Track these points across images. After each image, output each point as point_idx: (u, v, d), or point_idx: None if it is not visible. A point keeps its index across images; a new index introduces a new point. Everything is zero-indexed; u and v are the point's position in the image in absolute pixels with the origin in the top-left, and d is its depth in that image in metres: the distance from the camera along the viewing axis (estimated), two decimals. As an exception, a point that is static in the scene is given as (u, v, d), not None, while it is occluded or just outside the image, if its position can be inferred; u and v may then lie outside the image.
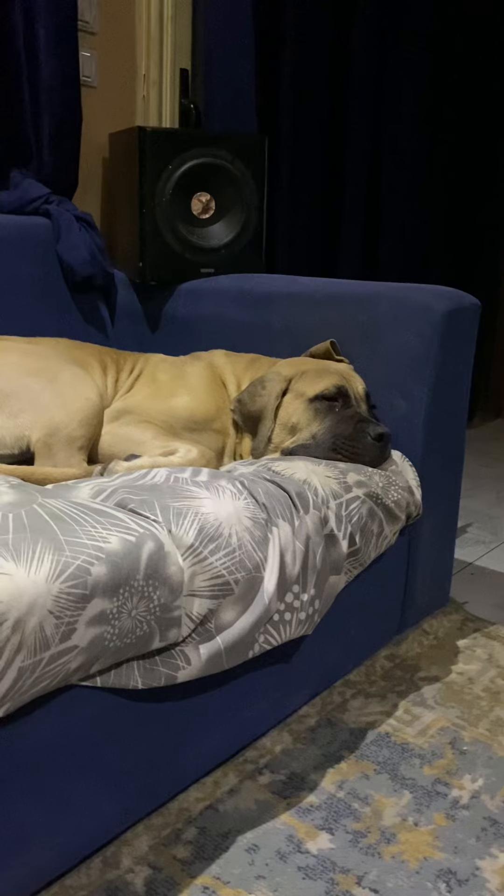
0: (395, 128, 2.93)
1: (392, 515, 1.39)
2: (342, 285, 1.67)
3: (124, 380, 1.58)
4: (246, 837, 1.10)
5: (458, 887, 1.04)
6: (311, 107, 2.59)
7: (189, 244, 1.85)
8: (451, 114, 3.19)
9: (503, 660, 1.61)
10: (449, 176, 3.28)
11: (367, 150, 2.83)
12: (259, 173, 1.88)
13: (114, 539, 0.92)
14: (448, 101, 3.16)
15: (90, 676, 0.92)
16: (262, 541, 1.11)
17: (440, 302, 1.47)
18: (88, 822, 1.00)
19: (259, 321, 1.75)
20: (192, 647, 1.02)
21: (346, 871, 1.05)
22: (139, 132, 1.77)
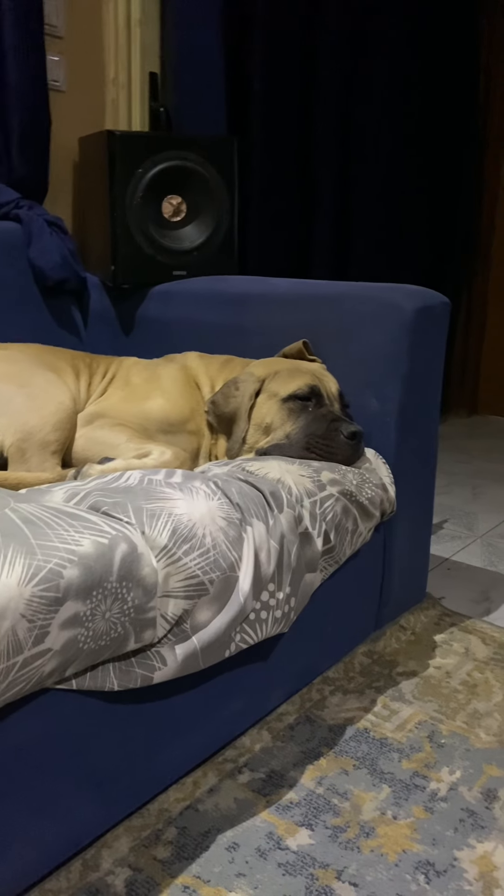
0: (366, 128, 2.95)
1: (366, 512, 1.40)
2: (314, 286, 1.68)
3: (97, 383, 1.58)
4: (226, 836, 1.11)
5: (436, 878, 1.05)
6: (282, 108, 2.60)
7: (161, 247, 1.86)
8: (421, 113, 3.22)
9: (480, 653, 1.63)
10: (420, 175, 3.30)
11: (337, 151, 2.85)
12: (229, 175, 1.89)
13: (86, 542, 0.92)
14: (419, 100, 3.19)
15: (66, 679, 0.92)
16: (237, 540, 1.12)
17: (410, 301, 1.49)
18: (68, 824, 1.00)
19: (232, 322, 1.76)
20: (168, 647, 1.03)
21: (326, 865, 1.06)
22: (108, 136, 1.78)
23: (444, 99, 3.34)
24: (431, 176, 3.39)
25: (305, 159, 2.74)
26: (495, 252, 3.87)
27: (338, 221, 2.91)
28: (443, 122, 3.36)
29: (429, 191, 3.40)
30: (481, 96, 3.58)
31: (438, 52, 3.23)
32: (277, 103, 2.57)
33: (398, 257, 3.24)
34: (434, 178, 3.41)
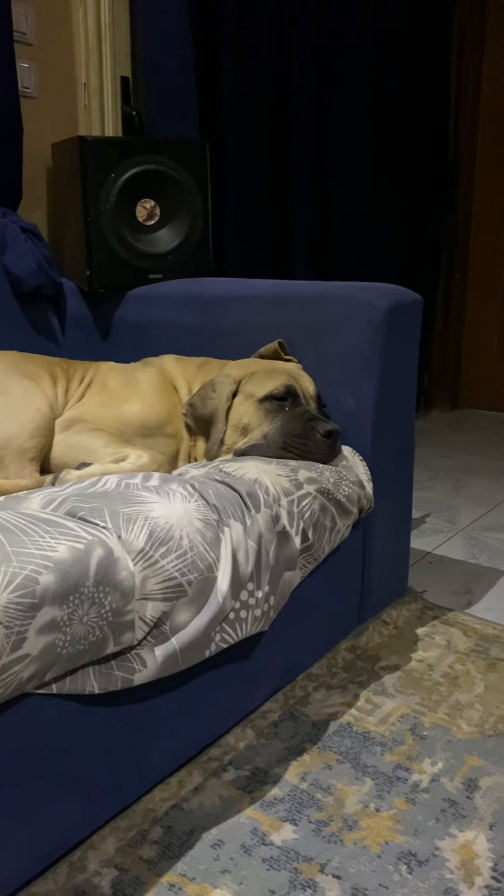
0: (340, 126, 2.97)
1: (344, 510, 1.42)
2: (288, 286, 1.70)
3: (75, 389, 1.58)
4: (211, 834, 1.12)
5: (418, 868, 1.07)
6: (253, 109, 2.62)
7: (136, 251, 1.86)
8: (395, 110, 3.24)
9: (461, 645, 1.65)
10: (396, 172, 3.33)
11: (311, 150, 2.87)
12: (202, 177, 1.90)
13: (62, 547, 0.93)
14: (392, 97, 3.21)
15: (45, 684, 0.93)
16: (214, 541, 1.13)
17: (382, 299, 1.50)
18: (53, 828, 1.01)
19: (209, 324, 1.77)
20: (148, 649, 1.04)
21: (310, 859, 1.08)
22: (80, 141, 1.78)
23: (418, 97, 3.36)
24: (407, 173, 3.41)
25: (280, 159, 2.75)
26: (473, 248, 3.90)
27: (314, 221, 2.93)
28: (417, 121, 3.38)
29: (405, 188, 3.42)
30: (453, 95, 3.61)
31: (411, 51, 3.26)
32: (249, 104, 2.59)
33: (376, 256, 3.26)
34: (410, 175, 3.44)
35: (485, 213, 3.84)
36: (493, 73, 3.66)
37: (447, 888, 1.03)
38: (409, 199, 3.46)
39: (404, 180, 3.40)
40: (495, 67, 3.65)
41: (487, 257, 3.88)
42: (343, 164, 3.01)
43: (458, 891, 1.03)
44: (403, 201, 3.41)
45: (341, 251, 3.03)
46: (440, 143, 3.55)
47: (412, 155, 3.41)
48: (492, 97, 3.69)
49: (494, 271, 3.87)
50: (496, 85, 3.66)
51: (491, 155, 3.76)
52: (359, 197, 3.11)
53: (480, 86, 3.70)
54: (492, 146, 3.74)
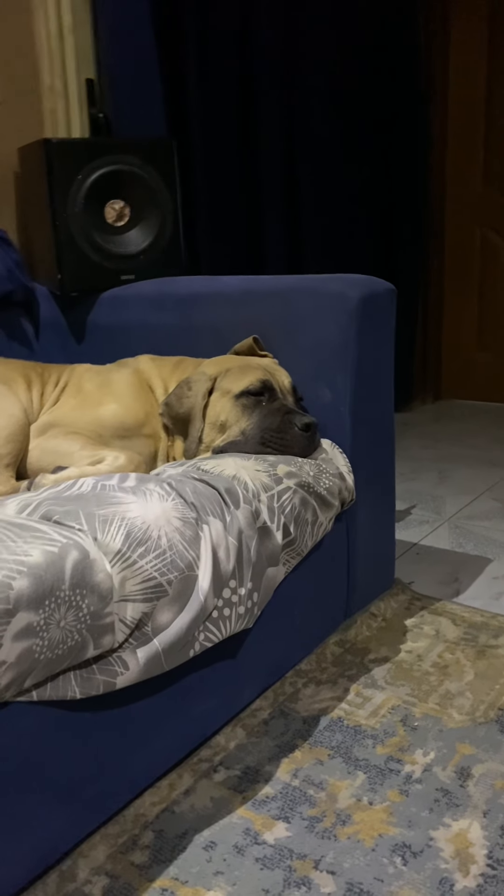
0: (309, 118, 2.96)
1: (325, 503, 1.41)
2: (260, 281, 1.69)
3: (50, 393, 1.57)
4: (203, 835, 1.11)
5: (413, 859, 1.06)
6: (222, 105, 2.60)
7: (106, 252, 1.85)
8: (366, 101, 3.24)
9: (450, 634, 1.64)
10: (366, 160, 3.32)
11: (282, 144, 2.86)
12: (170, 176, 1.89)
13: (36, 552, 0.92)
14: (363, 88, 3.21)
15: (25, 691, 0.92)
16: (194, 539, 1.12)
17: (354, 289, 1.49)
18: (41, 837, 0.99)
19: (183, 323, 1.75)
20: (130, 651, 1.03)
21: (304, 856, 1.06)
22: (45, 144, 1.77)
23: (390, 86, 3.36)
24: (380, 164, 3.41)
25: (249, 155, 2.74)
26: (448, 237, 3.91)
27: (288, 216, 2.92)
28: (388, 111, 3.39)
29: (378, 180, 3.42)
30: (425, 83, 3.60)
31: (379, 38, 3.26)
32: (216, 101, 2.58)
33: (352, 248, 3.26)
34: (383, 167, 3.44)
35: (458, 202, 3.84)
36: (461, 64, 3.67)
37: (442, 878, 1.02)
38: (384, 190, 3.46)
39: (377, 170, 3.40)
40: (462, 57, 3.66)
41: (463, 247, 3.89)
42: (314, 157, 3.00)
43: (453, 880, 1.02)
44: (377, 192, 3.41)
45: (316, 244, 3.02)
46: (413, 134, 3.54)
47: (384, 146, 3.41)
48: (460, 90, 3.70)
49: (470, 261, 3.88)
50: (465, 76, 3.67)
51: (462, 146, 3.76)
52: (331, 190, 3.11)
53: (449, 75, 3.70)
54: (462, 137, 3.75)
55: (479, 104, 3.67)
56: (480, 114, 3.68)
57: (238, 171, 2.71)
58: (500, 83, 3.60)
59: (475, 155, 3.75)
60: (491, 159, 3.71)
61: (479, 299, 3.90)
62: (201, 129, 2.53)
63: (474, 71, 3.64)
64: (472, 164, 3.77)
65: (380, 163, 3.43)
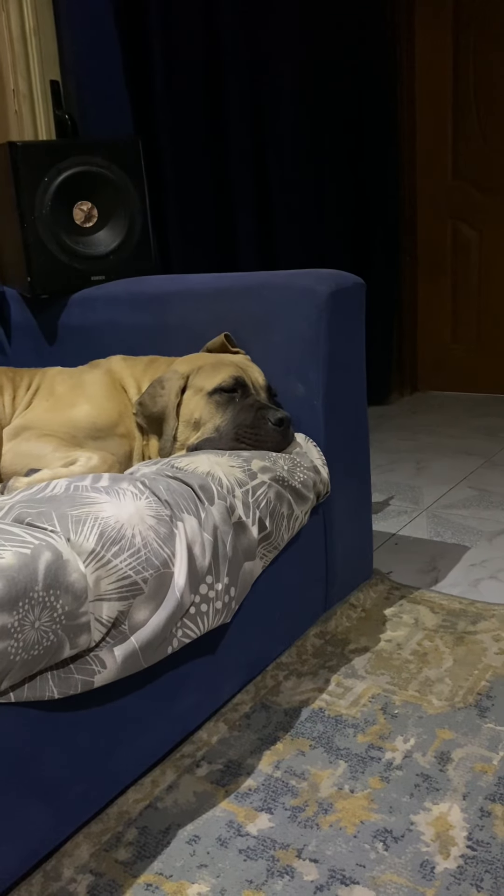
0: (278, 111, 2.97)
1: (300, 496, 1.42)
2: (230, 278, 1.69)
3: (22, 396, 1.57)
4: (186, 830, 1.11)
5: (394, 844, 1.07)
6: (188, 102, 2.61)
7: (76, 254, 1.84)
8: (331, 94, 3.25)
9: (429, 622, 1.66)
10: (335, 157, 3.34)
11: (250, 139, 2.87)
12: (137, 175, 1.88)
13: (7, 554, 0.92)
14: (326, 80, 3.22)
15: (2, 693, 0.92)
16: (168, 537, 1.12)
17: (323, 284, 1.50)
18: (23, 838, 0.99)
19: (154, 322, 1.76)
20: (107, 650, 1.03)
21: (286, 846, 1.08)
22: (10, 147, 1.76)
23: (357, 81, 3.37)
24: (350, 160, 3.43)
25: (218, 152, 2.75)
26: (420, 230, 3.93)
27: (258, 212, 2.93)
28: (356, 107, 3.40)
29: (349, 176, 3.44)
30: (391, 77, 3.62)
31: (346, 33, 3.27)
32: (182, 100, 2.58)
33: (324, 244, 3.27)
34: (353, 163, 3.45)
35: (429, 196, 3.87)
36: (426, 57, 3.69)
37: (424, 861, 1.04)
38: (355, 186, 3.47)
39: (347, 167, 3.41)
40: (427, 51, 3.68)
41: (435, 239, 3.91)
42: (283, 154, 3.01)
43: (434, 862, 1.03)
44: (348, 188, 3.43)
45: (287, 242, 3.04)
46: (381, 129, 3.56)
47: (353, 141, 3.43)
48: (426, 83, 3.72)
49: (442, 253, 3.91)
50: (430, 68, 3.69)
51: (430, 139, 3.79)
52: (301, 186, 3.12)
53: (415, 69, 3.72)
54: (430, 130, 3.77)
55: (446, 97, 3.69)
56: (447, 107, 3.71)
57: (207, 169, 2.71)
58: (465, 76, 3.63)
59: (444, 147, 3.78)
60: (459, 151, 3.74)
61: (452, 291, 3.93)
62: (168, 128, 2.53)
63: (440, 63, 3.67)
64: (441, 156, 3.79)
65: (350, 159, 3.44)
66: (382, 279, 3.64)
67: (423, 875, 1.01)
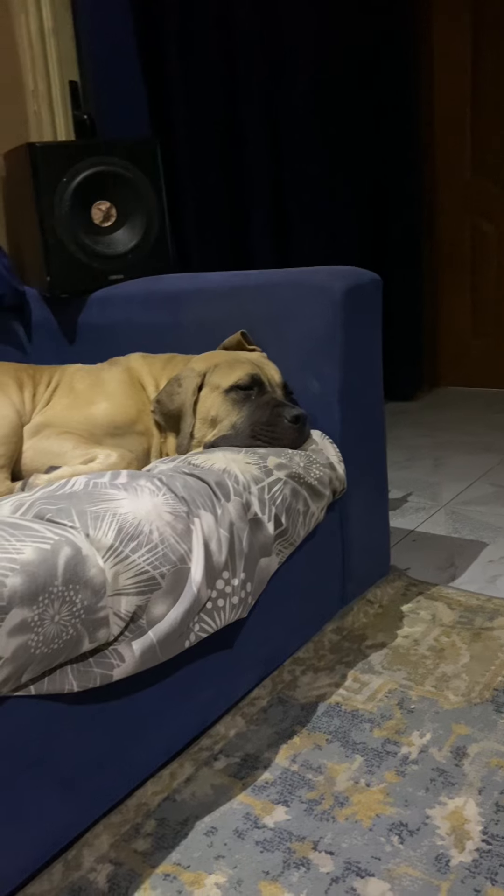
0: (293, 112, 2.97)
1: (316, 493, 1.43)
2: (247, 276, 1.70)
3: (42, 394, 1.59)
4: (204, 822, 1.13)
5: (409, 837, 1.08)
6: (205, 101, 2.62)
7: (95, 253, 1.87)
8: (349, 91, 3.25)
9: (446, 618, 1.66)
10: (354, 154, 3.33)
11: (267, 138, 2.87)
12: (155, 175, 1.90)
13: (28, 549, 0.94)
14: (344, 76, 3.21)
15: (23, 686, 0.94)
16: (185, 533, 1.14)
17: (338, 281, 1.51)
18: (44, 828, 1.01)
19: (171, 321, 1.77)
20: (125, 644, 1.05)
21: (302, 838, 1.09)
22: (29, 148, 1.78)
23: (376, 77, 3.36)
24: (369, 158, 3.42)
25: (234, 151, 2.76)
26: (439, 227, 3.91)
27: (274, 208, 2.93)
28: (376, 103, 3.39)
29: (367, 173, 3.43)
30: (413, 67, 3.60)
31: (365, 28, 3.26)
32: (199, 99, 2.59)
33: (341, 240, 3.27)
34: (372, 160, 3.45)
35: (448, 191, 3.85)
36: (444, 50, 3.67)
37: (439, 854, 1.04)
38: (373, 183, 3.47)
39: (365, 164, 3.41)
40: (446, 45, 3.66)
41: (454, 235, 3.89)
42: (300, 152, 3.02)
43: (449, 856, 1.04)
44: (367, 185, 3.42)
45: (304, 240, 3.04)
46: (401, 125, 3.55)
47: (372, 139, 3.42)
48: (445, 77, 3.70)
49: (461, 249, 3.89)
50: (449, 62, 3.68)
51: (450, 134, 3.77)
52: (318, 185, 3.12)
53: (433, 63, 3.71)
54: (450, 126, 3.75)
55: (466, 92, 3.67)
56: (467, 102, 3.69)
57: (223, 168, 2.72)
58: (485, 70, 3.61)
59: (463, 143, 3.76)
60: (478, 147, 3.72)
61: (471, 286, 3.91)
62: (185, 128, 2.55)
63: (458, 57, 3.65)
64: (460, 152, 3.77)
65: (368, 156, 3.43)
66: (403, 276, 3.63)
67: (437, 868, 1.02)
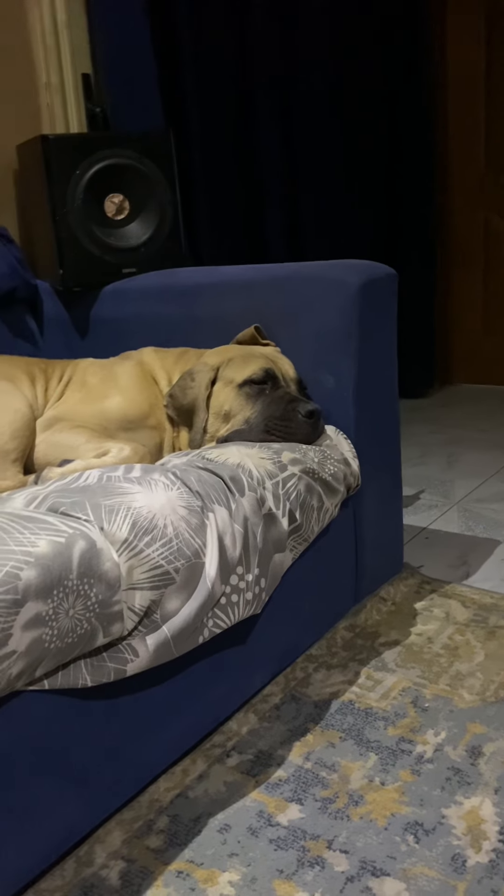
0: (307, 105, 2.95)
1: (330, 489, 1.42)
2: (261, 270, 1.69)
3: (54, 388, 1.58)
4: (217, 819, 1.12)
5: (425, 837, 1.07)
6: (218, 96, 2.60)
7: (107, 246, 1.85)
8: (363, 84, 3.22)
9: (460, 616, 1.65)
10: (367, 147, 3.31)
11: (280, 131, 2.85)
12: (168, 168, 1.89)
13: (42, 542, 0.93)
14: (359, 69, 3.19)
15: (36, 680, 0.93)
16: (199, 527, 1.13)
17: (354, 275, 1.49)
18: (56, 824, 1.00)
19: (185, 315, 1.76)
20: (139, 639, 1.04)
21: (317, 836, 1.08)
22: (42, 141, 1.77)
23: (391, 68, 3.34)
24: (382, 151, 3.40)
25: (248, 143, 2.74)
26: (452, 219, 3.89)
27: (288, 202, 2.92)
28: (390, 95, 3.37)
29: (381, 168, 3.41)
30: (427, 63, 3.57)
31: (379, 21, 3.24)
32: (212, 92, 2.57)
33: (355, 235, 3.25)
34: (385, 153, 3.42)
35: (461, 187, 3.82)
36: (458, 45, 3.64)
37: (455, 854, 1.03)
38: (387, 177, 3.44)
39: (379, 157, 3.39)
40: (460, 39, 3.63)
41: (466, 231, 3.87)
42: (313, 146, 3.00)
43: (465, 856, 1.03)
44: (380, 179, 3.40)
45: (318, 234, 3.02)
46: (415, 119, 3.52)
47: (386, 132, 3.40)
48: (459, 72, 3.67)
49: (473, 245, 3.86)
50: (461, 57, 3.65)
51: (463, 130, 3.74)
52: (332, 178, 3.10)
53: (447, 58, 3.68)
54: (463, 121, 3.73)
55: (480, 90, 3.64)
56: (480, 97, 3.66)
57: (236, 162, 2.71)
58: (499, 66, 3.57)
59: (476, 139, 3.73)
60: (492, 143, 3.69)
61: (483, 283, 3.89)
62: (198, 121, 2.53)
63: (472, 52, 3.62)
64: (473, 147, 3.74)
65: (382, 154, 3.41)
66: (416, 273, 3.60)
67: (454, 868, 1.01)
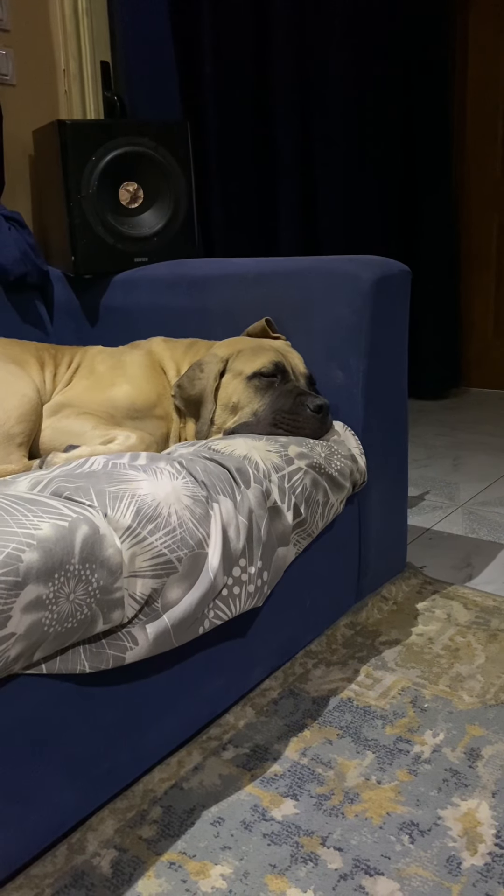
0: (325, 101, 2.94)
1: (336, 484, 1.41)
2: (274, 263, 1.68)
3: (63, 374, 1.57)
4: (211, 811, 1.11)
5: (420, 837, 1.06)
6: (236, 87, 2.60)
7: (120, 234, 1.85)
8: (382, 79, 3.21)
9: (462, 618, 1.64)
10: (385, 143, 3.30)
11: (297, 126, 2.84)
12: (184, 158, 1.88)
13: (45, 525, 0.92)
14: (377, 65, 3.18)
15: (34, 664, 0.92)
16: (204, 517, 1.12)
17: (367, 271, 1.48)
18: (49, 810, 1.00)
19: (196, 305, 1.75)
20: (139, 627, 1.03)
21: (311, 833, 1.07)
22: (59, 126, 1.76)
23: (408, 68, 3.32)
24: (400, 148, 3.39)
25: (264, 137, 2.73)
26: (464, 220, 3.87)
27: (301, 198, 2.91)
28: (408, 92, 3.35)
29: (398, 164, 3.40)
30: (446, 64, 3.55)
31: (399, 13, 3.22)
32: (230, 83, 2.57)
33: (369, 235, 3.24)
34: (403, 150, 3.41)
35: (476, 189, 3.81)
36: (479, 47, 3.62)
37: (450, 856, 1.02)
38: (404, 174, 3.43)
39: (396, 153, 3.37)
40: (481, 40, 3.61)
41: (480, 233, 3.85)
42: (330, 141, 2.98)
43: (460, 858, 1.02)
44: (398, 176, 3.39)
45: (333, 231, 3.01)
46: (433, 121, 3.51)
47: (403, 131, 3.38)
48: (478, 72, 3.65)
49: (487, 248, 3.84)
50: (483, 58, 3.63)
51: (480, 132, 3.72)
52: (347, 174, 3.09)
53: (467, 59, 3.66)
54: (481, 115, 3.70)
55: (498, 92, 3.62)
56: (499, 101, 3.64)
57: (253, 156, 2.70)
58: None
59: (493, 141, 3.71)
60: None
61: (496, 287, 3.87)
62: (216, 111, 2.52)
63: (493, 53, 3.60)
64: (490, 149, 3.72)
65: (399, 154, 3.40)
66: (431, 275, 3.59)
67: (449, 870, 1.00)
